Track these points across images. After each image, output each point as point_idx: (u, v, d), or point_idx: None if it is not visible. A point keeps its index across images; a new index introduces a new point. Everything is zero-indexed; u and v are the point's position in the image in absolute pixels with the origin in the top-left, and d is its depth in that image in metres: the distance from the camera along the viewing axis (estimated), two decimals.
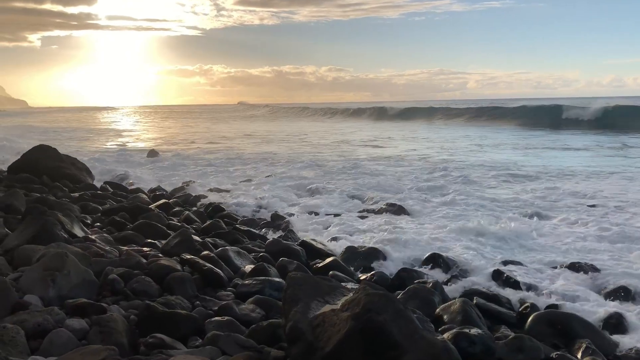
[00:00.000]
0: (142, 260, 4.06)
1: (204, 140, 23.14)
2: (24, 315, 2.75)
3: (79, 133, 30.47)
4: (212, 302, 3.55)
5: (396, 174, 11.35)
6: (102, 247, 4.34)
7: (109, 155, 16.32)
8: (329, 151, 17.27)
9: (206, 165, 13.47)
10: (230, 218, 6.69)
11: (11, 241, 4.22)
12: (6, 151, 17.32)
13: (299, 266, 4.53)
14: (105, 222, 5.87)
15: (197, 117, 57.94)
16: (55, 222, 4.42)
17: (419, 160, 14.22)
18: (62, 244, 3.96)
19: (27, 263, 3.65)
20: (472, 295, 4.13)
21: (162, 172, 12.26)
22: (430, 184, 9.85)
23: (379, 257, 5.10)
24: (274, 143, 21.17)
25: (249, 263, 4.57)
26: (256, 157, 15.14)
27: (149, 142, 21.79)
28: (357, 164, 13.23)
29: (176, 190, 9.11)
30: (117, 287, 3.49)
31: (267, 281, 3.88)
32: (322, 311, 2.52)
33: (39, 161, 9.32)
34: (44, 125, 42.97)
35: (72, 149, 18.11)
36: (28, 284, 3.22)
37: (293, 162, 13.79)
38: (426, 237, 6.08)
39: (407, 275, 4.61)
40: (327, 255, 5.09)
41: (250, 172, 11.96)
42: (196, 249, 4.54)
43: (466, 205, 7.80)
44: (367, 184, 9.94)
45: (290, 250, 4.98)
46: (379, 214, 7.12)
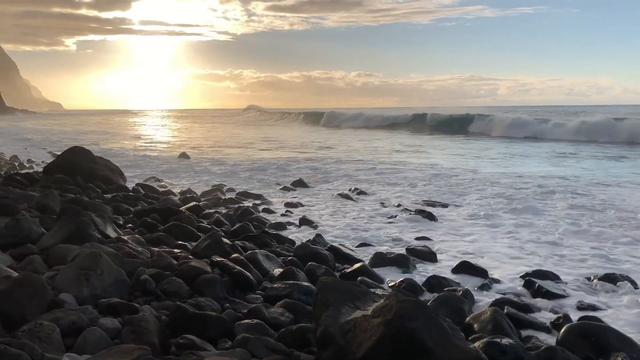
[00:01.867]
0: (173, 261, 4.11)
1: (234, 144, 23.35)
2: (59, 313, 2.81)
3: (112, 135, 31.07)
4: (242, 305, 3.57)
5: (424, 180, 11.25)
6: (134, 247, 4.40)
7: (141, 157, 16.59)
8: (359, 156, 17.24)
9: (236, 168, 13.58)
10: (259, 221, 6.72)
11: (47, 240, 4.32)
12: (42, 153, 17.80)
13: (328, 271, 4.53)
14: (137, 223, 5.96)
15: (226, 122, 58.45)
16: (89, 223, 4.51)
17: (431, 168, 14.06)
18: (96, 244, 4.04)
19: (62, 262, 3.73)
20: (502, 304, 4.06)
21: (193, 174, 12.41)
22: (454, 188, 9.76)
23: (408, 263, 5.06)
24: (303, 148, 21.21)
25: (278, 267, 4.59)
26: (286, 162, 15.18)
27: (179, 145, 22.08)
28: (384, 170, 13.14)
29: (206, 192, 9.20)
30: (149, 287, 3.54)
31: (296, 285, 3.89)
32: (353, 317, 2.51)
33: (73, 162, 9.53)
34: (78, 127, 43.96)
35: (105, 150, 18.49)
36: (63, 282, 3.28)
37: (321, 169, 13.80)
38: (455, 244, 6.02)
39: (437, 282, 4.56)
40: (356, 261, 5.07)
41: (280, 177, 12.01)
42: (226, 252, 4.58)
43: (494, 213, 7.69)
44: (395, 190, 9.91)
45: (319, 254, 4.98)
46: (408, 220, 7.06)
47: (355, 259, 5.17)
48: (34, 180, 8.43)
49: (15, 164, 12.86)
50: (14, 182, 7.90)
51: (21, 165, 12.90)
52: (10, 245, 4.20)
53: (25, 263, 3.73)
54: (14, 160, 14.04)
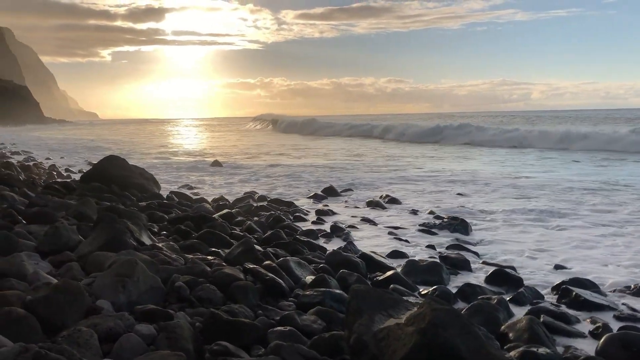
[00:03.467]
0: (207, 268, 4.15)
1: (265, 151, 23.52)
2: (96, 319, 2.86)
3: (146, 144, 31.64)
4: (274, 312, 3.59)
5: (458, 187, 11.13)
6: (169, 255, 4.46)
7: (175, 165, 16.86)
8: (388, 163, 17.17)
9: (267, 176, 13.68)
10: (291, 229, 6.74)
11: (84, 248, 4.41)
12: (79, 161, 18.24)
13: (359, 278, 4.52)
14: (171, 230, 6.04)
15: (258, 130, 58.84)
16: (125, 230, 4.59)
17: (445, 173, 13.87)
18: (132, 252, 4.11)
19: (99, 269, 3.81)
20: (538, 312, 3.98)
21: (225, 182, 12.55)
22: (490, 195, 9.63)
23: (441, 271, 5.01)
24: (331, 156, 21.24)
25: (309, 274, 4.59)
26: (316, 169, 15.23)
27: (212, 153, 22.35)
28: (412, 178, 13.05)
29: (238, 200, 9.28)
30: (183, 294, 3.58)
31: (328, 292, 3.88)
32: (386, 325, 2.49)
33: (109, 171, 9.73)
34: (113, 136, 44.92)
35: (139, 159, 18.85)
36: (100, 289, 3.35)
37: (351, 176, 13.80)
38: (490, 252, 5.94)
39: (471, 290, 4.51)
40: (388, 268, 5.04)
41: (310, 184, 12.05)
42: (258, 259, 4.61)
43: (525, 220, 7.56)
44: (428, 197, 9.83)
45: (351, 262, 4.97)
46: (441, 228, 6.99)
47: (387, 266, 5.14)
48: (71, 188, 8.64)
49: (54, 173, 13.20)
50: (52, 191, 8.11)
51: (59, 174, 13.23)
52: (49, 253, 4.30)
53: (64, 270, 3.82)
54: (52, 169, 14.42)
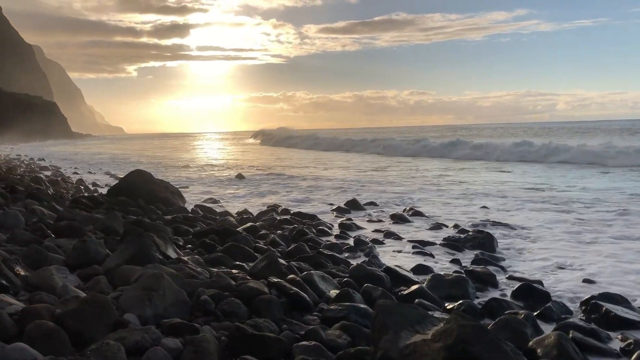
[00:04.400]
0: (232, 282, 4.17)
1: (287, 164, 23.61)
2: (124, 333, 2.89)
3: (170, 158, 32.04)
4: (299, 326, 3.59)
5: (483, 199, 11.02)
6: (194, 268, 4.50)
7: (199, 178, 17.03)
8: (410, 175, 17.10)
9: (290, 189, 13.72)
10: (314, 242, 6.74)
11: (111, 261, 4.47)
12: (105, 176, 18.54)
13: (384, 293, 4.49)
14: (196, 244, 6.09)
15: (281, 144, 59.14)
16: (151, 244, 4.65)
17: (456, 185, 13.71)
18: (158, 265, 4.16)
19: (126, 282, 3.86)
20: (567, 328, 3.90)
21: (248, 195, 12.62)
22: (519, 208, 9.51)
23: (467, 285, 4.95)
24: (357, 169, 21.22)
25: (334, 288, 4.58)
26: (338, 183, 15.23)
27: (236, 166, 22.52)
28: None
29: (262, 213, 9.32)
30: (209, 308, 3.61)
31: (353, 307, 3.87)
32: (412, 340, 2.48)
33: (135, 185, 9.88)
34: (139, 150, 45.58)
35: (164, 173, 19.09)
36: (127, 302, 3.39)
37: (374, 189, 13.76)
38: (516, 265, 5.85)
39: (497, 305, 4.44)
40: (412, 283, 5.01)
41: (333, 197, 12.05)
42: (282, 272, 4.62)
43: (554, 233, 7.44)
44: (452, 209, 9.76)
45: (375, 276, 4.94)
46: (466, 242, 6.91)
47: (411, 280, 5.10)
48: (98, 202, 8.78)
49: (81, 187, 13.43)
50: (80, 205, 8.25)
51: (86, 188, 13.46)
52: (77, 266, 4.37)
53: (92, 283, 3.88)
54: (79, 183, 14.67)
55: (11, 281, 3.45)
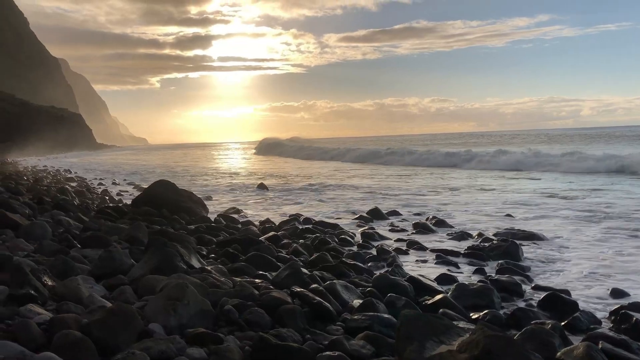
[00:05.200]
0: (255, 291, 4.18)
1: (308, 174, 23.64)
2: (149, 343, 2.91)
3: (193, 168, 32.34)
4: (322, 336, 3.57)
5: (509, 207, 10.89)
6: (218, 278, 4.52)
7: (222, 188, 17.16)
8: (433, 183, 16.98)
9: (311, 198, 13.73)
10: (336, 251, 6.72)
11: (136, 271, 4.52)
12: (129, 186, 18.78)
13: (408, 302, 4.45)
14: (220, 253, 6.12)
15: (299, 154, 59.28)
16: (175, 254, 4.69)
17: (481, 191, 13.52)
18: (182, 275, 4.18)
19: (150, 292, 3.89)
20: (596, 338, 3.82)
21: (270, 205, 12.67)
22: (546, 216, 9.38)
23: (492, 295, 4.88)
24: (378, 178, 21.15)
25: (357, 297, 4.56)
26: (360, 192, 15.19)
27: (257, 176, 22.63)
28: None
29: (284, 222, 9.34)
30: (232, 317, 3.62)
31: (376, 317, 3.84)
32: (437, 351, 2.45)
33: (159, 195, 9.98)
34: (162, 161, 46.11)
35: (188, 182, 19.27)
36: (152, 312, 3.41)
37: (396, 197, 13.71)
38: (542, 274, 5.77)
39: (523, 314, 4.37)
40: (436, 292, 4.95)
41: (355, 206, 12.02)
42: (305, 282, 4.62)
43: (581, 243, 7.31)
44: (476, 218, 9.67)
45: (398, 285, 4.90)
46: (491, 251, 6.82)
47: (435, 290, 5.05)
48: (123, 212, 8.88)
49: (106, 198, 13.62)
50: (105, 215, 8.36)
51: (111, 198, 13.64)
52: (103, 276, 4.42)
53: (118, 293, 3.92)
54: (104, 194, 14.88)
55: (39, 291, 3.50)
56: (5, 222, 6.02)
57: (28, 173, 21.63)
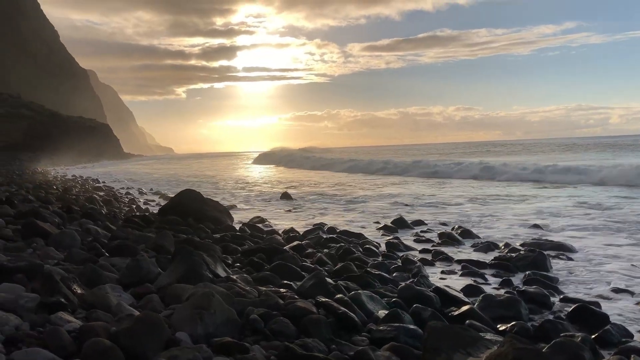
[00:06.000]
0: (280, 301, 4.19)
1: (331, 183, 23.64)
2: (176, 351, 2.93)
3: (219, 177, 32.60)
4: (348, 347, 3.56)
5: (537, 217, 10.73)
6: (243, 287, 4.54)
7: (247, 197, 17.26)
8: (458, 193, 16.83)
9: (336, 207, 13.72)
10: (361, 261, 6.70)
11: (163, 280, 4.56)
12: (156, 195, 19.00)
13: (434, 313, 4.41)
14: (245, 262, 6.16)
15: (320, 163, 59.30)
16: (201, 263, 4.73)
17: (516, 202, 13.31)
18: (208, 284, 4.22)
19: (177, 301, 3.92)
20: (628, 352, 3.74)
21: (295, 214, 12.70)
22: (580, 226, 9.22)
23: (519, 306, 4.81)
24: (401, 188, 21.06)
25: (382, 308, 4.54)
26: (385, 201, 15.13)
27: (282, 185, 22.70)
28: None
29: (308, 232, 9.34)
30: (258, 327, 3.63)
31: (402, 328, 3.82)
32: None
33: (185, 204, 10.08)
34: (188, 170, 46.59)
35: (213, 191, 19.42)
36: (179, 321, 3.44)
37: (421, 207, 13.62)
38: (570, 285, 5.66)
39: (552, 327, 4.29)
40: (463, 303, 4.90)
41: (379, 215, 11.98)
42: (330, 292, 4.61)
43: (611, 254, 7.15)
44: (503, 229, 9.55)
45: (424, 296, 4.86)
46: (518, 261, 6.72)
47: (461, 301, 5.00)
48: (150, 221, 8.99)
49: (133, 207, 13.80)
50: (132, 224, 8.47)
51: (138, 207, 13.81)
52: (130, 285, 4.47)
53: (145, 302, 3.96)
54: (131, 203, 15.08)
55: (69, 299, 3.56)
56: (36, 230, 6.14)
57: (57, 182, 22.04)
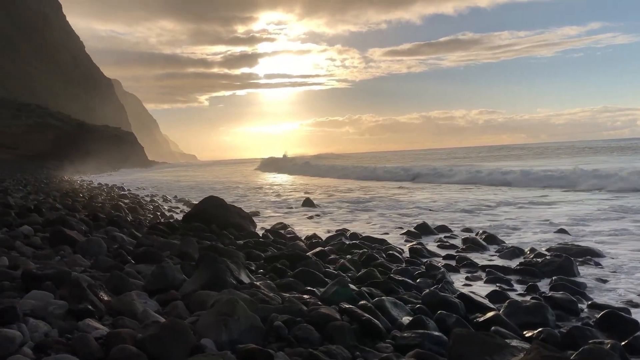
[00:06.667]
0: (303, 307, 4.19)
1: (352, 188, 23.60)
2: (201, 358, 2.96)
3: (241, 183, 32.79)
4: (372, 354, 3.55)
5: (564, 222, 10.57)
6: (267, 293, 4.55)
7: (269, 204, 17.33)
8: (470, 196, 16.66)
9: (358, 213, 13.69)
10: (384, 267, 6.67)
11: (188, 286, 4.60)
12: (180, 202, 19.19)
13: (459, 320, 4.37)
14: (268, 268, 6.18)
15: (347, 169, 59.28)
16: (225, 269, 4.76)
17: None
18: (233, 290, 4.24)
19: (202, 307, 3.96)
20: None
21: (317, 220, 12.70)
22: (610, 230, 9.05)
23: (546, 312, 4.73)
24: (422, 193, 20.93)
25: (406, 314, 4.51)
26: (407, 206, 15.05)
27: (303, 191, 22.74)
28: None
29: (330, 238, 9.34)
30: (282, 333, 3.64)
31: (427, 335, 3.79)
32: None
33: (209, 211, 10.17)
34: (211, 177, 46.97)
35: (236, 198, 19.54)
36: (204, 327, 3.47)
37: (443, 213, 13.53)
38: (598, 291, 5.56)
39: (580, 333, 4.21)
40: (488, 309, 4.84)
41: (401, 220, 11.92)
42: (353, 298, 4.60)
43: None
44: (529, 234, 9.42)
45: (448, 302, 4.82)
46: (544, 267, 6.62)
47: (487, 307, 4.94)
48: (174, 228, 9.08)
49: (158, 214, 13.96)
50: (157, 231, 8.57)
51: (163, 214, 13.97)
52: (156, 291, 4.52)
53: (170, 308, 4.00)
54: (156, 210, 15.25)
55: (96, 306, 3.62)
56: (63, 238, 6.25)
57: (83, 190, 22.41)
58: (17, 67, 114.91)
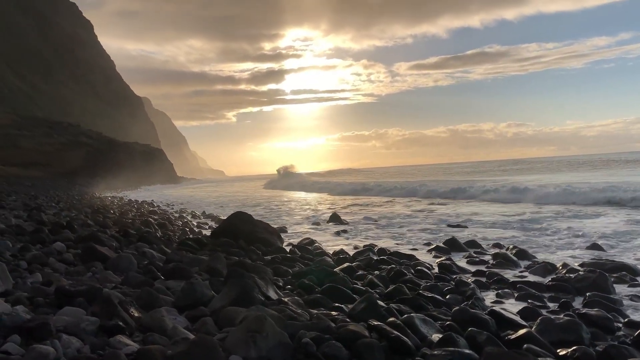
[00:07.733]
0: (331, 324, 4.17)
1: (380, 202, 23.48)
2: None
3: (269, 199, 32.92)
4: None
5: (598, 237, 10.33)
6: (294, 310, 4.55)
7: (296, 219, 17.35)
8: (497, 210, 16.41)
9: (385, 228, 13.61)
10: (413, 283, 6.60)
11: (216, 303, 4.62)
12: (208, 218, 19.36)
13: (490, 337, 4.28)
14: (295, 284, 6.17)
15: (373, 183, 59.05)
16: (253, 285, 4.77)
17: None
18: (261, 307, 4.25)
19: (230, 324, 3.97)
20: None
21: (344, 235, 12.66)
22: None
23: (580, 330, 4.61)
24: (450, 208, 20.71)
25: (435, 331, 4.45)
26: (437, 222, 14.91)
27: (330, 207, 22.73)
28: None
29: (358, 253, 9.29)
30: (310, 350, 3.62)
31: (457, 352, 3.72)
32: None
33: (236, 226, 10.24)
34: (239, 192, 47.30)
35: (264, 213, 19.63)
36: (232, 344, 3.48)
37: (476, 230, 13.35)
38: (634, 308, 5.41)
39: (617, 352, 4.09)
40: (520, 327, 4.74)
41: (429, 237, 11.80)
42: (382, 315, 4.56)
43: None
44: (561, 248, 9.22)
45: (479, 319, 4.74)
46: (578, 283, 6.46)
47: (518, 324, 4.84)
48: (202, 244, 9.16)
49: (187, 230, 14.09)
50: (186, 247, 8.65)
51: (191, 230, 14.09)
52: (185, 308, 4.55)
53: (199, 325, 4.03)
54: (185, 226, 15.40)
55: (127, 322, 3.66)
56: (95, 255, 6.35)
57: (114, 206, 22.78)
58: (50, 87, 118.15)
